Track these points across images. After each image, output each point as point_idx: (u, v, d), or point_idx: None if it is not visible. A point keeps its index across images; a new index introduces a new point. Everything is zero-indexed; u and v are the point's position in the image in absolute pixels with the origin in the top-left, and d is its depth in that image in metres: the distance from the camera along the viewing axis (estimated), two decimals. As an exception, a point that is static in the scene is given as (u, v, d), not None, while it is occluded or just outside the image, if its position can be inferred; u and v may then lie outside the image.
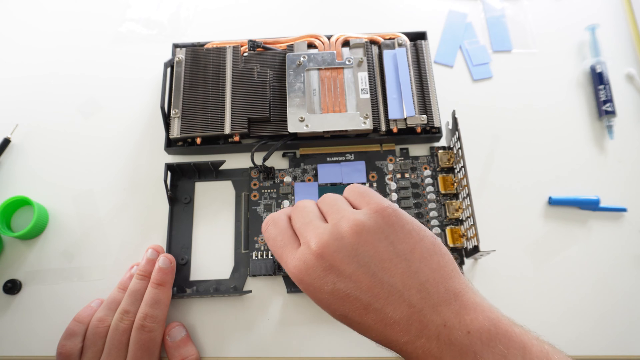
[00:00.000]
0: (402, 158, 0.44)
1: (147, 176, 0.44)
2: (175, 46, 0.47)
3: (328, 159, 0.44)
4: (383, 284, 0.25)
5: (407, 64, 0.45)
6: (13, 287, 0.40)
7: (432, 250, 0.26)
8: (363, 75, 0.44)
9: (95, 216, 0.43)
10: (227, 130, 0.43)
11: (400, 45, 0.46)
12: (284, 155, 0.45)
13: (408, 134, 0.44)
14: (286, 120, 0.42)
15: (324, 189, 0.42)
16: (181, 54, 0.46)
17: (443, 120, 0.45)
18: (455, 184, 0.42)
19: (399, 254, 0.26)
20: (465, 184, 0.39)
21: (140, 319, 0.36)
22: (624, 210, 0.43)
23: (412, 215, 0.32)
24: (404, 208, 0.42)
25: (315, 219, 0.28)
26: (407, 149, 0.44)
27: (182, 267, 0.41)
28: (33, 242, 0.42)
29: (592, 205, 0.43)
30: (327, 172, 0.43)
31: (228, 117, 0.43)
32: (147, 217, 0.43)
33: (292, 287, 0.40)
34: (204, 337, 0.39)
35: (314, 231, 0.27)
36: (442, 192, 0.42)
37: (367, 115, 0.42)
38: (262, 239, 0.41)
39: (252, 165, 0.42)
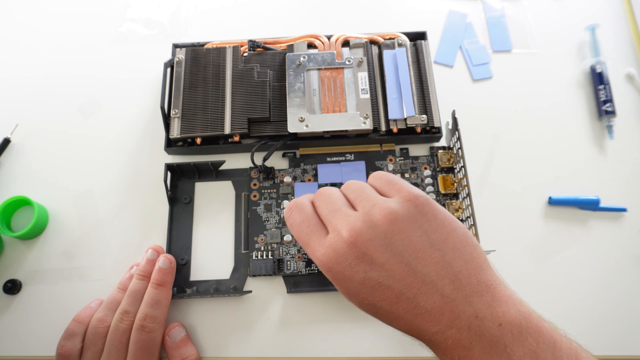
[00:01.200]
0: (402, 158, 0.44)
1: (147, 176, 0.44)
2: (175, 46, 0.47)
3: (328, 159, 0.44)
4: (416, 273, 0.25)
5: (407, 64, 0.45)
6: (13, 287, 0.40)
7: (465, 241, 0.26)
8: (363, 75, 0.44)
9: (95, 216, 0.43)
10: (227, 130, 0.43)
11: (400, 45, 0.46)
12: (284, 155, 0.45)
13: (408, 134, 0.44)
14: (286, 120, 0.42)
15: (324, 189, 0.42)
16: (181, 54, 0.46)
17: (443, 120, 0.45)
18: (455, 184, 0.42)
19: (432, 244, 0.25)
20: (465, 184, 0.39)
21: (140, 320, 0.36)
22: (624, 210, 0.43)
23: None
24: (404, 208, 0.42)
25: (344, 207, 0.28)
26: (407, 149, 0.44)
27: (182, 267, 0.41)
28: (33, 242, 0.42)
29: (592, 205, 0.43)
30: (327, 172, 0.43)
31: (228, 117, 0.43)
32: (147, 217, 0.43)
33: (292, 287, 0.40)
34: (204, 337, 0.39)
35: (345, 219, 0.26)
36: (442, 192, 0.42)
37: (367, 115, 0.42)
38: (262, 239, 0.41)
39: (252, 165, 0.42)
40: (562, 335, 0.24)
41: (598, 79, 0.48)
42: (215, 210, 0.43)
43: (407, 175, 0.43)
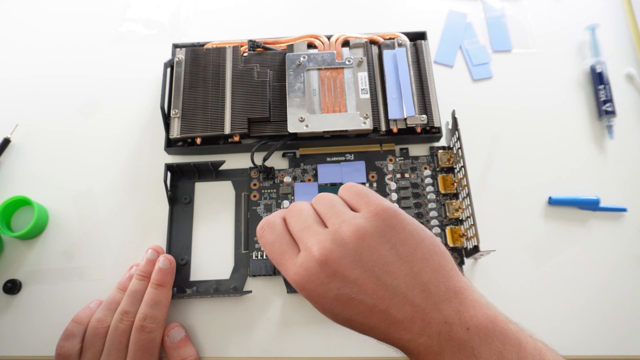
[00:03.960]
0: (402, 158, 0.44)
1: (147, 176, 0.44)
2: (175, 46, 0.47)
3: (328, 159, 0.44)
4: (387, 286, 0.25)
5: (407, 64, 0.45)
6: (13, 287, 0.40)
7: (433, 250, 0.26)
8: (363, 75, 0.44)
9: (95, 216, 0.43)
10: (227, 130, 0.43)
11: (400, 45, 0.46)
12: (284, 155, 0.45)
13: (408, 134, 0.44)
14: (286, 120, 0.42)
15: (323, 189, 0.42)
16: (181, 54, 0.46)
17: (443, 120, 0.44)
18: (455, 184, 0.42)
19: (401, 257, 0.26)
20: (465, 183, 0.39)
21: (140, 320, 0.36)
22: (624, 210, 0.43)
23: (412, 216, 0.32)
24: (404, 208, 0.42)
25: (314, 224, 0.28)
26: (407, 149, 0.44)
27: (182, 267, 0.41)
28: (33, 242, 0.42)
29: (592, 205, 0.43)
30: (327, 172, 0.43)
31: (228, 117, 0.43)
32: (147, 217, 0.43)
33: (292, 287, 0.39)
34: (204, 337, 0.39)
35: (315, 237, 0.27)
36: (442, 192, 0.42)
37: (367, 115, 0.42)
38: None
39: (252, 165, 0.42)
40: (527, 336, 0.24)
41: (598, 79, 0.48)
42: (215, 210, 0.43)
43: (407, 175, 0.43)
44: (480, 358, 0.23)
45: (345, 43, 0.47)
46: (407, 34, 0.47)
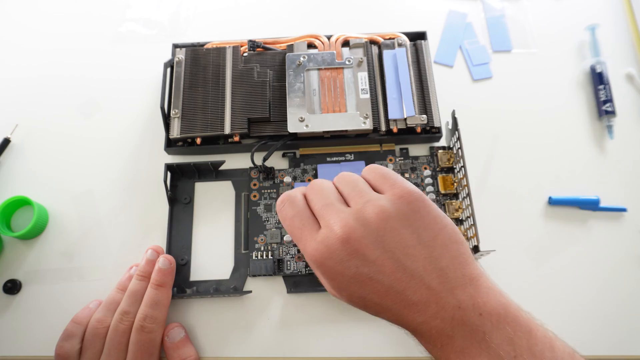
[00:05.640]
0: (402, 158, 0.44)
1: (147, 176, 0.44)
2: (175, 46, 0.47)
3: (328, 159, 0.44)
4: (406, 268, 0.25)
5: (407, 64, 0.45)
6: (13, 287, 0.40)
7: (453, 238, 0.27)
8: (363, 75, 0.44)
9: (95, 216, 0.43)
10: (227, 130, 0.43)
11: (400, 45, 0.46)
12: (284, 155, 0.45)
13: (408, 134, 0.44)
14: (286, 120, 0.42)
15: (324, 189, 0.42)
16: (181, 54, 0.46)
17: (443, 120, 0.44)
18: (455, 184, 0.42)
19: (422, 241, 0.26)
20: (465, 183, 0.39)
21: (140, 320, 0.36)
22: (624, 210, 0.43)
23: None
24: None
25: (336, 202, 0.28)
26: (407, 149, 0.44)
27: (182, 267, 0.41)
28: (33, 242, 0.42)
29: (592, 205, 0.43)
30: (327, 172, 0.43)
31: (228, 117, 0.43)
32: (147, 217, 0.43)
33: (292, 287, 0.40)
34: (204, 337, 0.39)
35: (338, 215, 0.27)
36: (442, 192, 0.42)
37: (367, 115, 0.42)
38: (262, 239, 0.41)
39: (252, 165, 0.42)
40: (538, 325, 0.25)
41: (598, 79, 0.48)
42: (215, 210, 0.43)
43: (407, 175, 0.43)
44: (491, 343, 0.24)
45: (345, 43, 0.47)
46: (407, 34, 0.47)
